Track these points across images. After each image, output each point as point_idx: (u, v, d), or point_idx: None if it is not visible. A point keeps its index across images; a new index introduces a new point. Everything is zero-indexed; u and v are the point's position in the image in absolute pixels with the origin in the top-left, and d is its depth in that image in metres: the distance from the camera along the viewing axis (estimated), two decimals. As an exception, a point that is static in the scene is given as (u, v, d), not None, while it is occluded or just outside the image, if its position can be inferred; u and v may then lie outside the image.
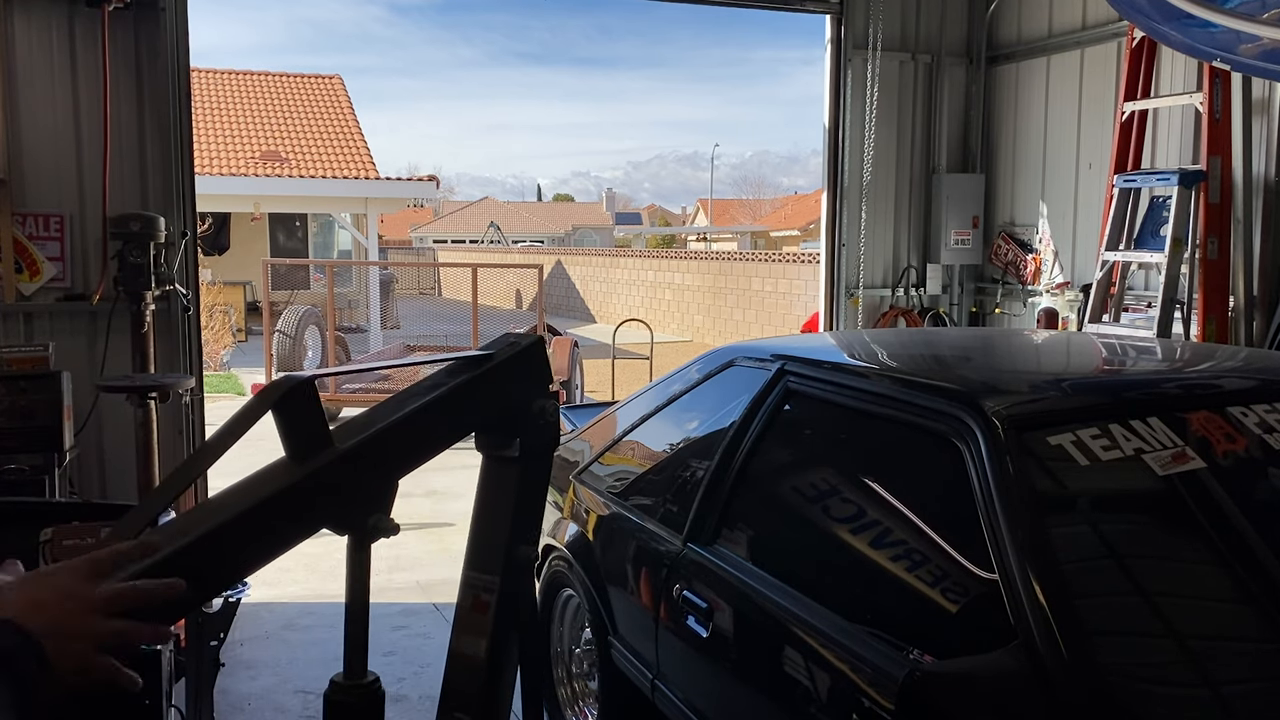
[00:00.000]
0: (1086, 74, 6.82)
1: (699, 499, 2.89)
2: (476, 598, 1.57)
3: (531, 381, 1.58)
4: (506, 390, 1.54)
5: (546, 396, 1.59)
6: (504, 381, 1.53)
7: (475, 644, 1.56)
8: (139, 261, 4.94)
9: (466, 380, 1.48)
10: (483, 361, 1.51)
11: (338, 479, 1.29)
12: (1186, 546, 2.08)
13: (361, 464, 1.32)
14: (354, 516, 1.32)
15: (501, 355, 1.53)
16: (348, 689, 1.39)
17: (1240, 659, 1.85)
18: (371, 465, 1.33)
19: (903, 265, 7.70)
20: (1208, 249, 5.64)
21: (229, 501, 1.21)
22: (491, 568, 1.57)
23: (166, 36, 5.34)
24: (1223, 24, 4.69)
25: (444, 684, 1.58)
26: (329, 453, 1.28)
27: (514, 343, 1.57)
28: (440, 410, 1.44)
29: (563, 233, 51.73)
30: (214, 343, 14.69)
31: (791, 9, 7.18)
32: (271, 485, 1.23)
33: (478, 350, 1.56)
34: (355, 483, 1.31)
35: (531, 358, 1.57)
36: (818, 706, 2.21)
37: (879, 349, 3.19)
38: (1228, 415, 2.24)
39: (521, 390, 1.56)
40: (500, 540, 1.58)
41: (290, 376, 1.29)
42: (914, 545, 2.27)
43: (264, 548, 1.23)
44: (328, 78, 22.50)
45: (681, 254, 26.88)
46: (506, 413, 1.55)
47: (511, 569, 1.57)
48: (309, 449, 1.27)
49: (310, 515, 1.27)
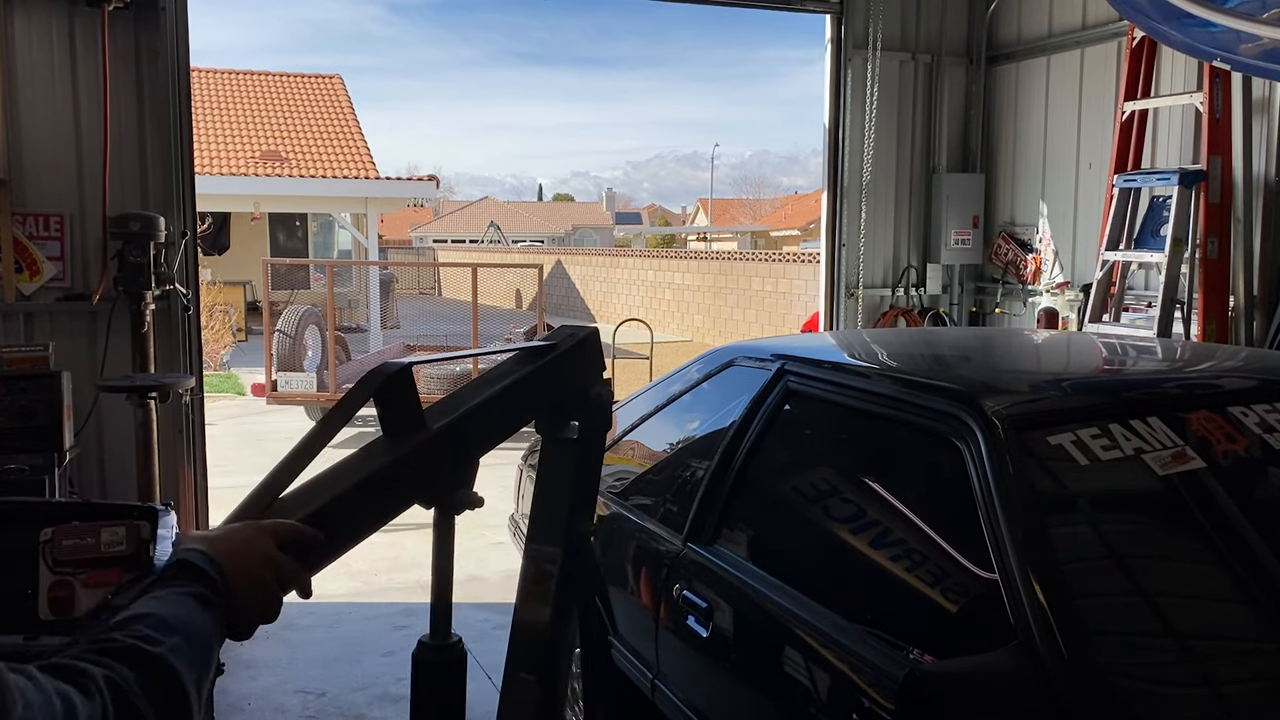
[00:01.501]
0: (1086, 74, 6.81)
1: (699, 499, 2.89)
2: (540, 569, 1.70)
3: (589, 369, 1.71)
4: (568, 377, 1.67)
5: (602, 384, 1.73)
6: (566, 369, 1.66)
7: (539, 611, 1.68)
8: (139, 261, 4.94)
9: (536, 368, 1.61)
10: (547, 351, 1.64)
11: (431, 457, 1.41)
12: (1186, 546, 2.08)
13: (449, 444, 1.44)
14: (442, 491, 1.46)
15: (564, 345, 1.66)
16: (436, 649, 1.51)
17: (1240, 659, 1.85)
18: (457, 445, 1.46)
19: (903, 265, 7.70)
20: (1208, 249, 5.64)
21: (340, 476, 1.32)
22: (554, 541, 1.70)
23: (166, 36, 5.34)
24: (1223, 24, 4.69)
25: (510, 648, 1.69)
26: (424, 433, 1.40)
27: (573, 334, 1.69)
28: (514, 395, 1.57)
29: (563, 233, 51.73)
30: (214, 342, 14.69)
31: (791, 9, 7.18)
32: (376, 461, 1.35)
33: (541, 341, 1.68)
34: (444, 460, 1.44)
35: (589, 348, 1.70)
36: (818, 706, 2.21)
37: (879, 349, 3.19)
38: (1228, 415, 2.24)
39: (580, 377, 1.70)
40: (561, 516, 1.71)
41: (389, 364, 1.40)
42: (914, 545, 2.27)
43: (371, 517, 1.34)
44: (328, 78, 22.50)
45: (681, 254, 26.88)
46: (568, 398, 1.69)
47: (573, 541, 1.70)
48: (405, 430, 1.39)
49: (407, 489, 1.39)
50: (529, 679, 1.66)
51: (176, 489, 5.35)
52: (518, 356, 1.64)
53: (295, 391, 9.86)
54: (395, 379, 1.37)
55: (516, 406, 1.58)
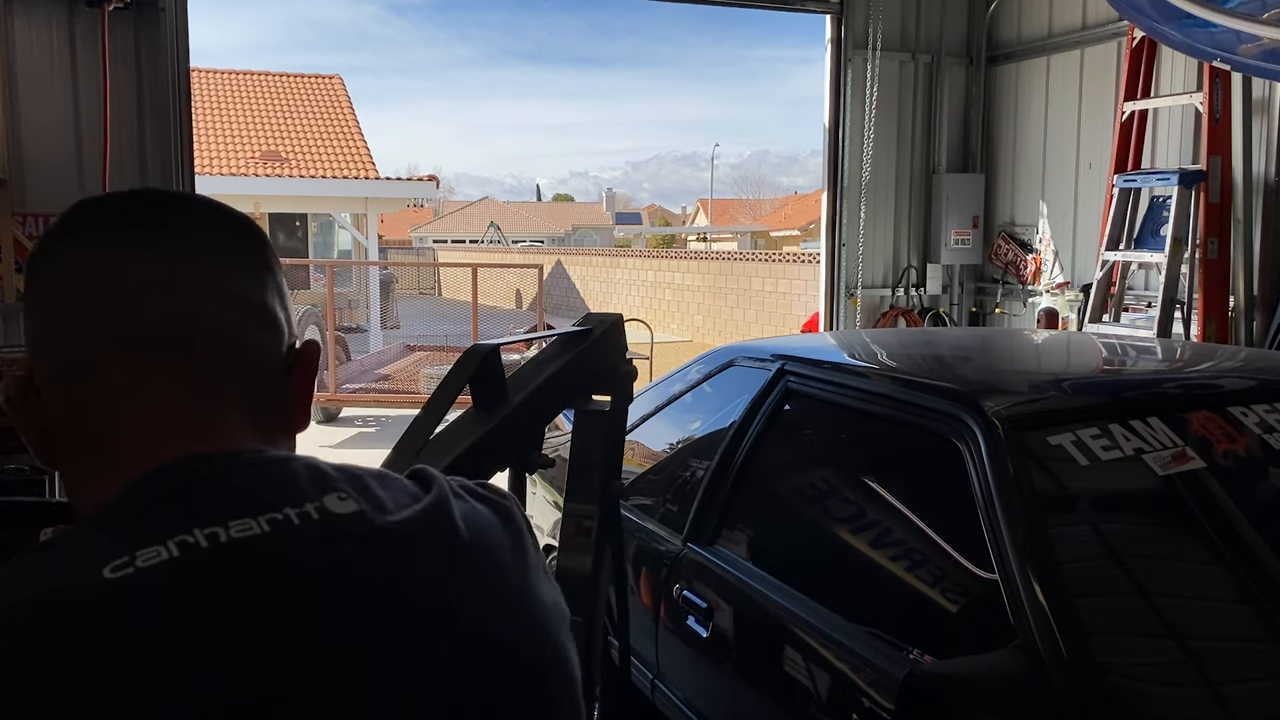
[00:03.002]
0: (1086, 74, 6.82)
1: (699, 499, 2.89)
2: (579, 524, 1.95)
3: (617, 350, 1.99)
4: (602, 357, 1.95)
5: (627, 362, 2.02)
6: (600, 350, 1.93)
7: (581, 560, 1.94)
8: (139, 261, 4.94)
9: (581, 350, 1.87)
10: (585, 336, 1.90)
11: (515, 425, 1.66)
12: (1186, 546, 2.08)
13: (526, 413, 1.69)
14: (521, 453, 1.73)
15: (599, 330, 1.93)
16: None
17: (1240, 659, 1.85)
18: (530, 414, 1.71)
19: (903, 265, 7.70)
20: (1208, 249, 5.64)
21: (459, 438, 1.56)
22: (591, 500, 1.95)
23: (166, 36, 5.34)
24: (1223, 24, 4.69)
25: None
26: (508, 405, 1.65)
27: (603, 320, 1.97)
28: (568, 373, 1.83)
29: (563, 233, 51.72)
30: (214, 343, 14.67)
31: (791, 9, 7.18)
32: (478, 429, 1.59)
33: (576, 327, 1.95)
34: (524, 427, 1.70)
35: (617, 332, 1.99)
36: (818, 706, 2.21)
37: (879, 349, 3.20)
38: (1228, 415, 2.24)
39: (611, 357, 1.97)
40: (595, 478, 1.96)
41: (480, 346, 1.64)
42: (914, 545, 2.27)
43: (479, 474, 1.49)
44: (328, 78, 22.49)
45: (681, 254, 26.88)
46: (602, 374, 1.96)
47: (609, 498, 1.96)
48: (495, 403, 1.63)
49: (499, 452, 1.63)
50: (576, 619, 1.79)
51: (176, 489, 5.34)
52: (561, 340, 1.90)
53: (295, 391, 9.83)
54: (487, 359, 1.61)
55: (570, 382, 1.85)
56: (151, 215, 0.81)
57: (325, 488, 0.72)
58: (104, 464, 0.73)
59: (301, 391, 0.82)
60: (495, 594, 0.74)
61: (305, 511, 0.70)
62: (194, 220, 0.81)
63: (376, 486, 0.74)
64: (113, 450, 0.74)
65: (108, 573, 0.64)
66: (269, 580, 0.66)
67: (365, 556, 0.69)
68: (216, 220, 0.82)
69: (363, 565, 0.69)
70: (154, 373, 0.75)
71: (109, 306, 0.75)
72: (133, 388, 0.74)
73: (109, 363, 0.74)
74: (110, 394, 0.74)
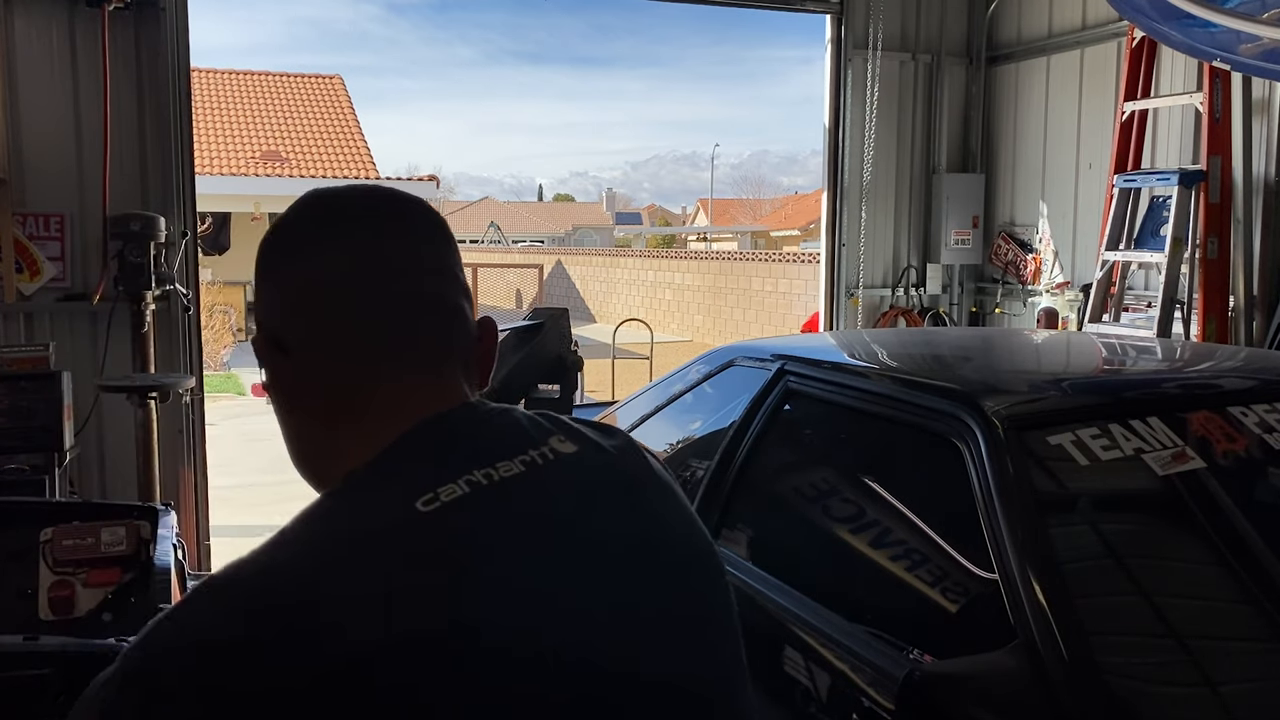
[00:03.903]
0: (1086, 74, 6.82)
1: (699, 499, 2.89)
2: None
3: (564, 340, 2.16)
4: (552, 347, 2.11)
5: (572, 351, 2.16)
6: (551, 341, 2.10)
7: None
8: (139, 261, 4.94)
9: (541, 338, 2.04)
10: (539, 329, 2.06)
11: None
12: (1186, 546, 2.08)
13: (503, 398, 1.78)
14: None
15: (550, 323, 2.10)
16: None
17: (1240, 659, 1.85)
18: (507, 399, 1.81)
19: (903, 265, 7.70)
20: (1208, 249, 5.64)
21: None
22: None
23: (166, 36, 5.34)
24: (1223, 24, 4.69)
25: None
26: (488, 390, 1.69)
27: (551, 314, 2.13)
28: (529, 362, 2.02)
29: (563, 233, 51.71)
30: (214, 343, 14.69)
31: (791, 9, 7.18)
32: None
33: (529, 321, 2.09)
34: None
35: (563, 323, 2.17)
36: (818, 706, 2.21)
37: (879, 349, 3.20)
38: (1228, 415, 2.24)
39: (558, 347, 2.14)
40: None
41: None
42: (914, 545, 2.27)
43: None
44: (328, 78, 22.50)
45: (681, 254, 26.88)
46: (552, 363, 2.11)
47: None
48: None
49: None
50: None
51: (176, 489, 5.34)
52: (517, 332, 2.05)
53: (295, 391, 9.84)
54: None
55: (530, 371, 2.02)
56: (385, 207, 0.95)
57: (547, 433, 0.91)
58: (359, 419, 0.87)
59: (488, 357, 0.98)
60: (678, 504, 0.97)
61: (542, 452, 0.88)
62: (415, 210, 0.96)
63: (584, 430, 0.94)
64: (368, 407, 0.88)
65: (420, 506, 0.79)
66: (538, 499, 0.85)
67: (599, 480, 0.90)
68: (428, 211, 0.97)
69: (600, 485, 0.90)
70: (406, 342, 0.89)
71: (367, 281, 0.88)
72: (390, 353, 0.88)
73: (368, 329, 0.88)
74: (369, 359, 0.88)
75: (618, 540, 0.87)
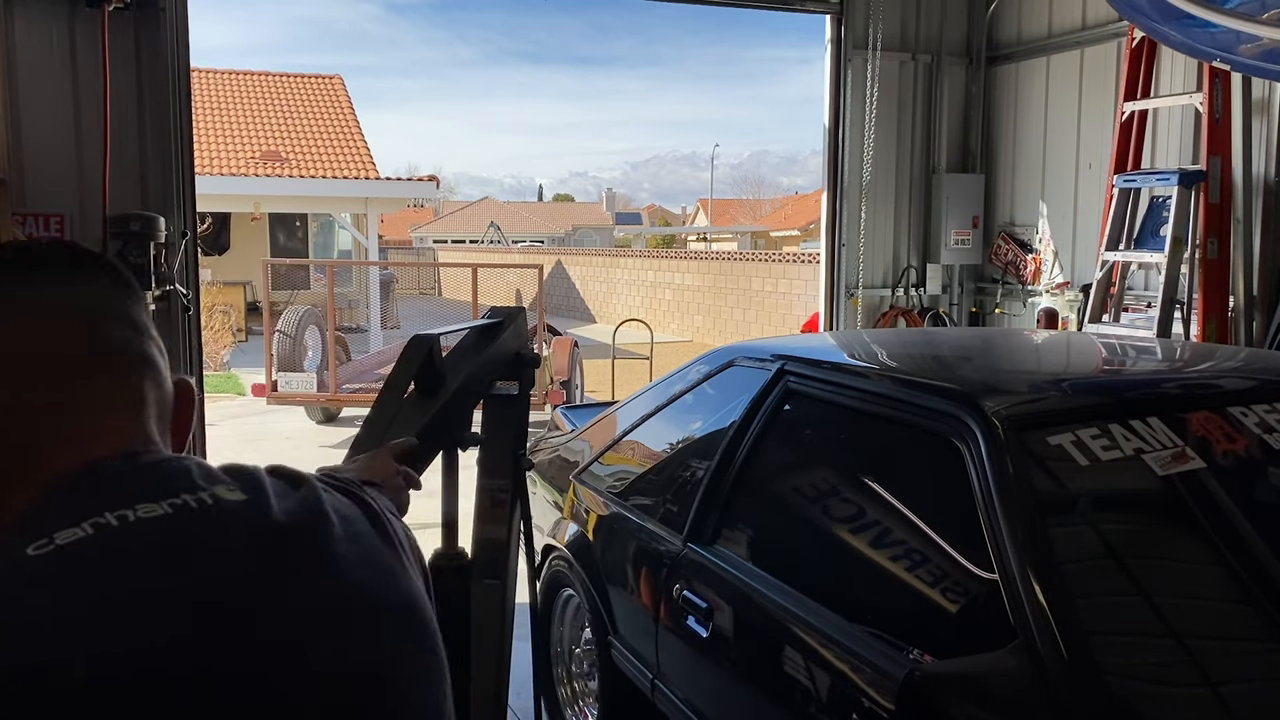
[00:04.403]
0: (1086, 74, 6.82)
1: (699, 499, 2.89)
2: (494, 497, 2.14)
3: (521, 338, 2.19)
4: (511, 345, 2.12)
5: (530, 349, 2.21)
6: (511, 339, 2.11)
7: (498, 530, 2.12)
8: (139, 261, 4.94)
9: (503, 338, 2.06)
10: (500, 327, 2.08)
11: (454, 407, 1.83)
12: (1186, 547, 2.08)
13: (461, 397, 1.86)
14: (455, 433, 1.89)
15: (508, 321, 2.10)
16: (446, 557, 1.94)
17: (1240, 659, 1.85)
18: (464, 397, 1.89)
19: (903, 265, 7.70)
20: (1208, 249, 5.64)
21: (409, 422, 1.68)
22: (503, 475, 2.14)
23: (166, 36, 5.34)
24: (1223, 24, 4.69)
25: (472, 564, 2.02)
26: (447, 390, 1.80)
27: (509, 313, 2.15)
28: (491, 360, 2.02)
29: (563, 233, 51.68)
30: (214, 343, 14.68)
31: (791, 9, 7.18)
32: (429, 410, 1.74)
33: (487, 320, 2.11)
34: (459, 409, 1.88)
35: (522, 323, 2.19)
36: (818, 706, 2.21)
37: (879, 349, 3.20)
38: (1228, 415, 2.24)
39: (518, 345, 2.16)
40: (506, 454, 2.14)
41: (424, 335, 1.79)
42: (914, 545, 2.27)
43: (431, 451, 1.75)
44: (328, 78, 22.48)
45: (681, 254, 26.87)
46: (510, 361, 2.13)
47: (517, 473, 2.15)
48: (436, 387, 1.79)
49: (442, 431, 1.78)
50: (494, 583, 2.09)
51: (176, 489, 5.34)
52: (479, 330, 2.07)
53: (295, 392, 9.84)
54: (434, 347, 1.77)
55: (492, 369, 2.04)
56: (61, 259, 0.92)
57: (214, 480, 0.86)
58: (23, 480, 0.83)
59: (185, 422, 0.96)
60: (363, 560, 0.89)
61: (200, 497, 0.83)
62: (91, 264, 0.93)
63: (260, 481, 0.88)
64: (31, 467, 0.83)
65: (30, 551, 0.76)
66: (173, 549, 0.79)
67: (251, 536, 0.83)
68: (108, 265, 0.95)
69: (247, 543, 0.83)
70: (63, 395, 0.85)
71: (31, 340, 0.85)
72: (47, 411, 0.84)
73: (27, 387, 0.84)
74: (28, 416, 0.84)
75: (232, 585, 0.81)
